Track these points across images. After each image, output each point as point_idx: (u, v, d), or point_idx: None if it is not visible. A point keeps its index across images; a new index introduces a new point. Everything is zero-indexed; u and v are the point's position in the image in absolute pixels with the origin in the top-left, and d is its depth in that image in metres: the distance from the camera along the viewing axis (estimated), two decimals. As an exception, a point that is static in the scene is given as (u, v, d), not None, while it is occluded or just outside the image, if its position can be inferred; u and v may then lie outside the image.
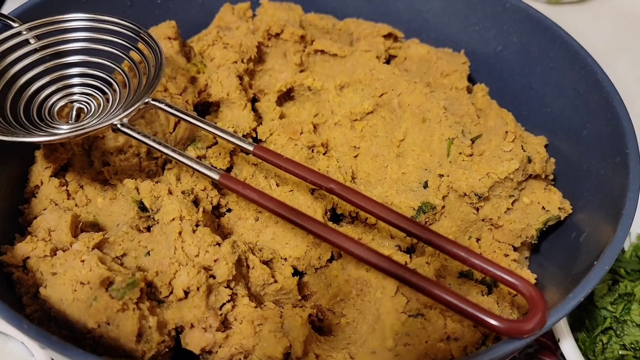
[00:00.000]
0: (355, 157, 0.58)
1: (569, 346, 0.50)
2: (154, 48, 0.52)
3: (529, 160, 0.52)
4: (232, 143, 0.47)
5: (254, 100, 0.63)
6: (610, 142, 0.52)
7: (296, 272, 0.52)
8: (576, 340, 0.57)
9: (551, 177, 0.55)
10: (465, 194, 0.52)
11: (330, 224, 0.53)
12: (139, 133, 0.47)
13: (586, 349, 0.56)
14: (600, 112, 0.54)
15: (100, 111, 0.52)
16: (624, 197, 0.45)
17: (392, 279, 0.42)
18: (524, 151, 0.52)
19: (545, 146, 0.58)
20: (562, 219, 0.53)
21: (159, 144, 0.46)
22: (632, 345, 0.55)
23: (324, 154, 0.58)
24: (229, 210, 0.54)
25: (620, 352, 0.55)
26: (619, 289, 0.58)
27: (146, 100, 0.49)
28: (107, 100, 0.53)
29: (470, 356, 0.36)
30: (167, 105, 0.49)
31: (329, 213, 0.54)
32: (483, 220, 0.53)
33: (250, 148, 0.46)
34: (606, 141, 0.52)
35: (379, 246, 0.50)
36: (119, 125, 0.47)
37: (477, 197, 0.52)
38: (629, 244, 0.63)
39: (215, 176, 0.44)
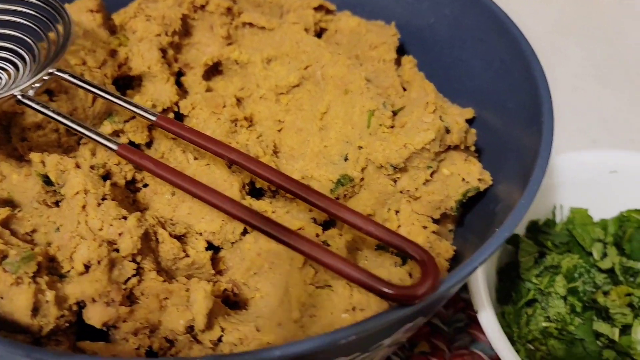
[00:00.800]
0: (279, 130, 0.57)
1: (485, 318, 0.49)
2: (64, 17, 0.51)
3: (447, 131, 0.51)
4: (134, 113, 0.46)
5: (180, 75, 0.62)
6: (530, 112, 0.51)
7: (213, 248, 0.51)
8: (503, 313, 0.57)
9: (472, 148, 0.55)
10: (381, 166, 0.51)
11: (248, 198, 0.52)
12: (39, 104, 0.45)
13: (510, 322, 0.56)
14: (522, 83, 0.53)
15: (10, 84, 0.51)
16: (534, 164, 0.45)
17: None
18: (442, 122, 0.51)
19: (473, 119, 0.57)
20: (481, 190, 0.52)
21: (59, 114, 0.45)
22: (555, 317, 0.55)
23: (247, 128, 0.56)
24: (146, 185, 0.53)
25: (544, 324, 0.55)
26: (546, 262, 0.58)
27: (50, 71, 0.47)
28: (18, 73, 0.51)
29: (356, 323, 0.35)
30: (70, 75, 0.47)
31: (247, 187, 0.53)
32: (401, 192, 0.52)
33: (154, 118, 0.45)
34: (527, 111, 0.52)
35: (292, 219, 0.50)
36: (19, 97, 0.46)
37: (393, 169, 0.51)
38: (560, 217, 0.63)
39: (114, 147, 0.43)
